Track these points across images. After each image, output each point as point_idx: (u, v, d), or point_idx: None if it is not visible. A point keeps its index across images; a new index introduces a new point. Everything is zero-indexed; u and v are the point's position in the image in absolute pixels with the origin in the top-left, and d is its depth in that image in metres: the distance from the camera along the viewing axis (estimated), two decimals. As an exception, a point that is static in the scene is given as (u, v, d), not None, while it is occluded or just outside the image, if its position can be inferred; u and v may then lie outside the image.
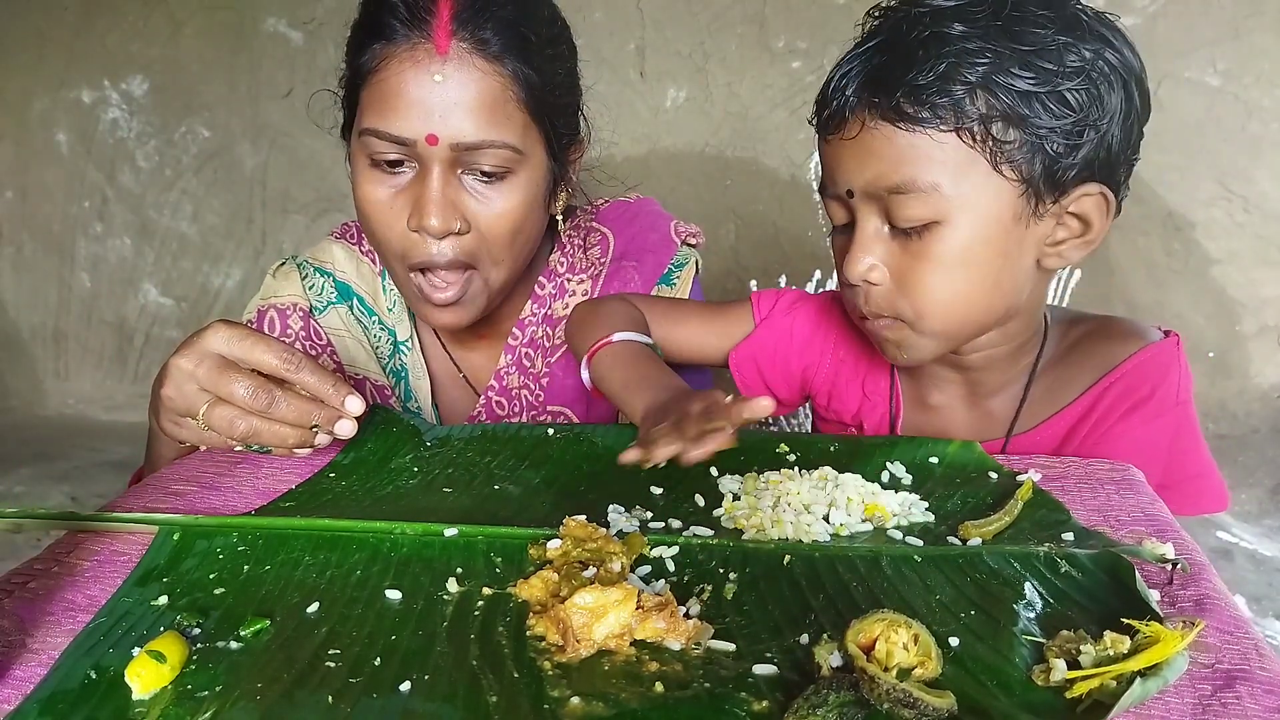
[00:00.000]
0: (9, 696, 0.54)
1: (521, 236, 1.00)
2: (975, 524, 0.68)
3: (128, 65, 3.21)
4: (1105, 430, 0.90)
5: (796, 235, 2.76)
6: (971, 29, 0.76)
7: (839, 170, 0.83)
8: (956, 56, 0.75)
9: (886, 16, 0.82)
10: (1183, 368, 0.92)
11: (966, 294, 0.82)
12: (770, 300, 1.06)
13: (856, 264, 0.83)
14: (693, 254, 1.19)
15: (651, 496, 0.77)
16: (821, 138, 0.85)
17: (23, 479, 2.87)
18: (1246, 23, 2.40)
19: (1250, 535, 2.34)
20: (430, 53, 0.90)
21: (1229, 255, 2.56)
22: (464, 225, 0.95)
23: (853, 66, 0.81)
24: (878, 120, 0.78)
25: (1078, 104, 0.77)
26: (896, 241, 0.82)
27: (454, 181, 0.94)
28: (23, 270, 3.48)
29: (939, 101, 0.76)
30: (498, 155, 0.93)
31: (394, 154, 0.93)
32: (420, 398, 1.15)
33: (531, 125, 0.95)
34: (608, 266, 1.15)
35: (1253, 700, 0.50)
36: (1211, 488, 0.94)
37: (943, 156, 0.78)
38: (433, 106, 0.90)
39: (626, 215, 1.20)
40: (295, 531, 0.70)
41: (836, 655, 0.52)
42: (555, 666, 0.54)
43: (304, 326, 1.12)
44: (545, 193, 1.01)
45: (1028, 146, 0.78)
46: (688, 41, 2.75)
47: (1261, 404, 2.68)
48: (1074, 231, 0.83)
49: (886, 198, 0.80)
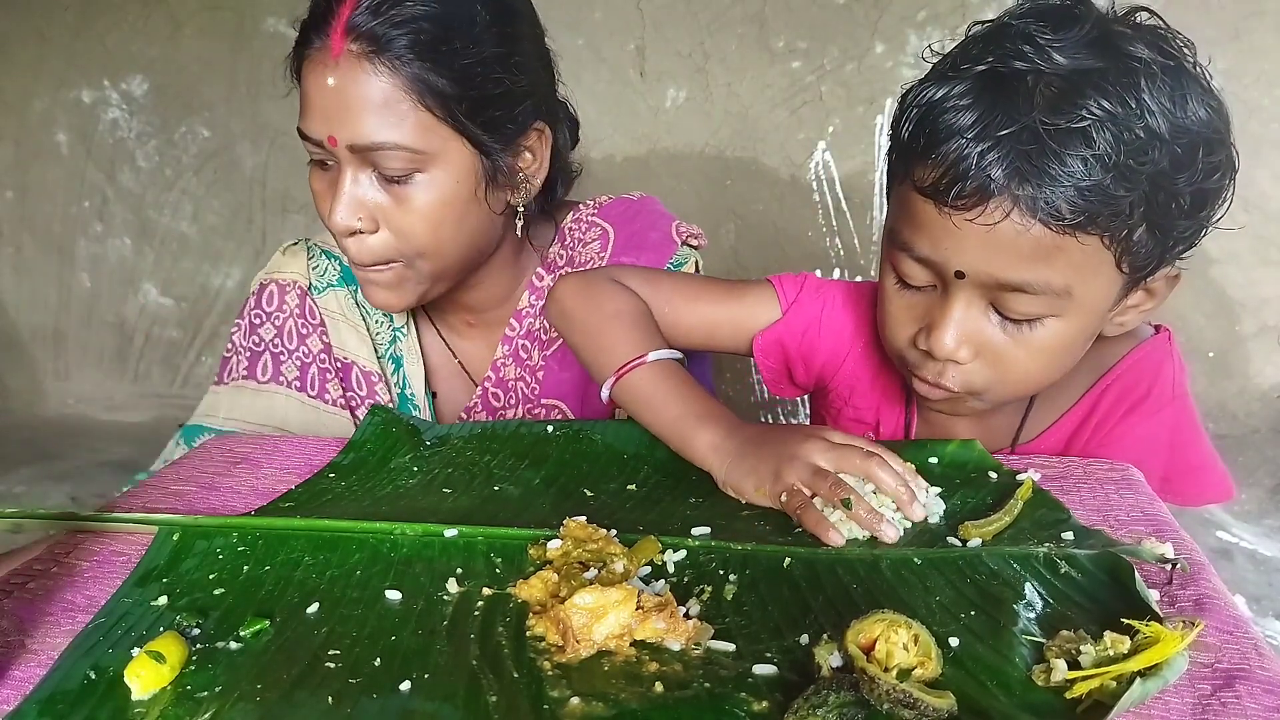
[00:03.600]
0: (9, 696, 0.54)
1: (442, 231, 0.98)
2: (975, 524, 0.68)
3: (128, 65, 3.20)
4: (1107, 432, 0.90)
5: (796, 235, 2.76)
6: (1122, 110, 0.69)
7: (955, 249, 0.75)
8: (1120, 157, 0.69)
9: (1005, 71, 0.72)
10: (1176, 361, 0.91)
11: (1048, 375, 0.81)
12: (795, 284, 1.01)
13: (947, 343, 0.78)
14: (693, 255, 1.19)
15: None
16: (937, 205, 0.75)
17: (23, 479, 2.86)
18: (1246, 23, 2.39)
19: (1250, 535, 2.34)
20: (326, 56, 0.92)
21: (1229, 255, 2.55)
22: (370, 224, 0.96)
23: (989, 143, 0.71)
24: (1027, 217, 0.71)
25: (1210, 203, 0.75)
26: (994, 324, 0.78)
27: (364, 180, 0.96)
28: (23, 270, 3.47)
29: (1102, 211, 0.71)
30: (396, 156, 0.93)
31: (317, 153, 0.97)
32: (414, 384, 1.16)
33: (440, 124, 0.94)
34: (606, 260, 1.15)
35: (1252, 700, 0.50)
36: (1215, 478, 0.94)
37: (1082, 259, 0.73)
38: (328, 109, 0.93)
39: (629, 212, 1.19)
40: (295, 531, 0.70)
41: (836, 656, 0.52)
42: (555, 666, 0.54)
43: (300, 304, 1.13)
44: (473, 189, 0.99)
45: (1156, 246, 0.75)
46: (688, 41, 2.74)
47: (1261, 404, 2.67)
48: (1139, 302, 0.82)
49: (1004, 290, 0.75)
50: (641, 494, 0.79)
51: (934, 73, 0.78)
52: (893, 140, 0.82)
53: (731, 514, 0.74)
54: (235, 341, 1.15)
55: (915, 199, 0.77)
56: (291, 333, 1.12)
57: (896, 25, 2.59)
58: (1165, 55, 0.72)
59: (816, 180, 2.75)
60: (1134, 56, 0.71)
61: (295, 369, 1.12)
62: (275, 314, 1.13)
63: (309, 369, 1.12)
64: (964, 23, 2.86)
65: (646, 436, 0.88)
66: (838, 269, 2.72)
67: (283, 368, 1.12)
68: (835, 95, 2.69)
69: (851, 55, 2.64)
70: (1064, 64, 0.71)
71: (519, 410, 1.15)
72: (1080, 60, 0.71)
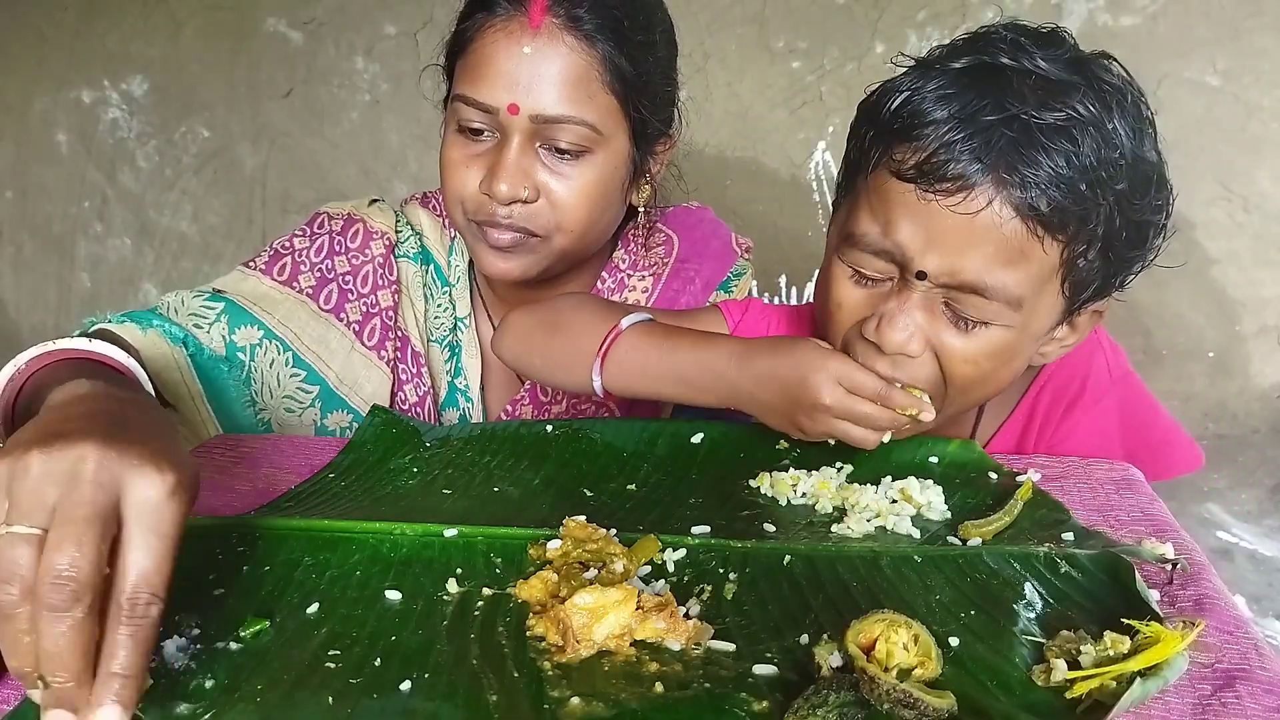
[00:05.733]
0: (9, 697, 0.54)
1: (594, 214, 1.01)
2: (975, 524, 0.68)
3: (128, 65, 3.20)
4: (1051, 432, 0.91)
5: (796, 235, 2.76)
6: (1098, 116, 0.71)
7: (926, 236, 0.74)
8: (1097, 162, 0.70)
9: (992, 64, 0.73)
10: (1108, 347, 0.92)
11: (989, 383, 0.81)
12: (740, 308, 1.04)
13: (898, 335, 0.77)
14: (749, 267, 1.22)
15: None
16: (918, 188, 0.73)
17: (23, 479, 2.87)
18: (1246, 23, 2.39)
19: (1250, 535, 2.34)
20: (524, 25, 0.94)
21: (1229, 255, 2.55)
22: (532, 194, 0.97)
23: (976, 128, 0.71)
24: (1006, 208, 0.71)
25: (1150, 239, 0.76)
26: (941, 320, 0.77)
27: (530, 153, 0.97)
28: (23, 270, 3.47)
29: (1073, 215, 0.71)
30: (576, 132, 0.95)
31: (478, 121, 0.97)
32: (470, 376, 1.15)
33: (616, 109, 0.98)
34: (670, 266, 1.16)
35: (1252, 700, 0.50)
36: (1181, 449, 0.95)
37: (1040, 269, 0.74)
38: (519, 77, 0.93)
39: (690, 220, 1.22)
40: (295, 531, 0.70)
41: (836, 655, 0.52)
42: (555, 667, 0.54)
43: (384, 258, 1.12)
44: (624, 179, 1.03)
45: (1099, 272, 0.76)
46: (688, 41, 2.73)
47: (1261, 404, 2.68)
48: (1064, 336, 0.83)
49: (961, 291, 0.75)
50: (641, 493, 0.79)
51: (915, 68, 0.79)
52: (862, 130, 0.82)
53: (731, 512, 0.74)
54: (297, 249, 1.09)
55: (891, 185, 0.76)
56: (367, 278, 1.11)
57: (896, 25, 2.59)
58: (1129, 86, 0.75)
59: (816, 180, 2.75)
60: (1106, 82, 0.74)
61: (359, 314, 1.10)
62: (355, 254, 1.11)
63: (372, 319, 1.10)
64: (964, 23, 2.87)
65: (646, 435, 0.88)
66: (838, 269, 2.73)
67: (348, 306, 1.10)
68: (835, 95, 2.69)
69: (851, 55, 2.64)
70: (1047, 69, 0.72)
71: (564, 405, 1.15)
72: (1061, 71, 0.73)
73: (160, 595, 0.48)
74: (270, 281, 1.08)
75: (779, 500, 0.76)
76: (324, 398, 1.08)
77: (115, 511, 0.48)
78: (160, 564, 0.48)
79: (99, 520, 0.47)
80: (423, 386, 1.13)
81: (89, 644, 0.46)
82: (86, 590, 0.46)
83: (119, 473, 0.49)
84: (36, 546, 0.46)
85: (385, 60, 2.94)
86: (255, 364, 1.04)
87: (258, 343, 1.04)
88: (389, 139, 3.03)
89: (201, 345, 1.01)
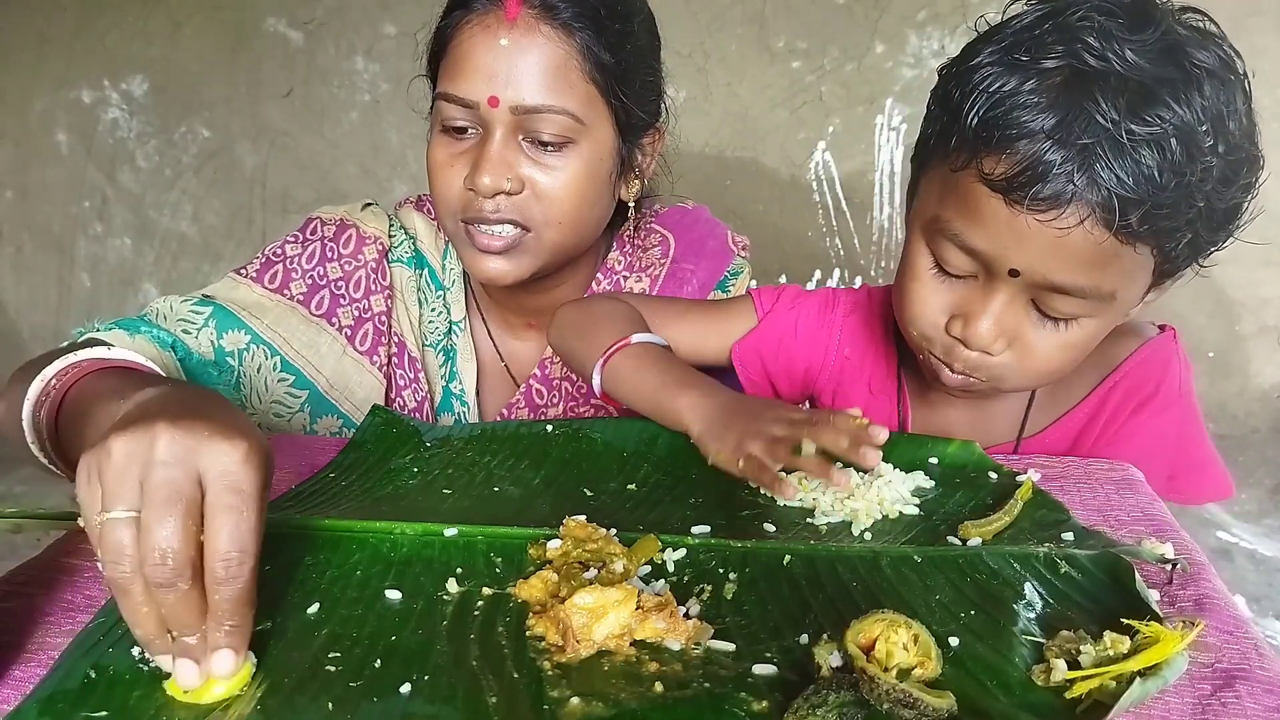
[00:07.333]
0: (9, 696, 0.54)
1: (582, 206, 1.01)
2: (975, 524, 0.68)
3: (128, 65, 3.20)
4: (1116, 429, 0.91)
5: (796, 235, 2.76)
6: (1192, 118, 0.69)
7: (1017, 247, 0.74)
8: (1188, 170, 0.69)
9: (1083, 70, 0.70)
10: (1182, 360, 0.93)
11: (1065, 369, 0.81)
12: (772, 296, 1.05)
13: (985, 335, 0.77)
14: (746, 265, 1.21)
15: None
16: (1008, 201, 0.73)
17: (23, 479, 2.86)
18: (1246, 23, 2.39)
19: (1250, 535, 2.34)
20: (500, 19, 0.94)
21: (1229, 255, 2.54)
22: (516, 185, 0.97)
23: (1068, 146, 0.69)
24: (1099, 227, 0.71)
25: (1239, 217, 0.77)
26: (1033, 321, 0.78)
27: (514, 146, 0.97)
28: (23, 270, 3.47)
29: (1166, 224, 0.71)
30: (557, 122, 0.95)
31: (461, 119, 0.97)
32: (465, 380, 1.15)
33: (597, 99, 0.97)
34: (667, 267, 1.16)
35: (1252, 700, 0.50)
36: (1217, 475, 0.95)
37: (1132, 266, 0.74)
38: (497, 70, 0.94)
39: (686, 220, 1.21)
40: (295, 531, 0.70)
41: (836, 655, 0.52)
42: (555, 667, 0.54)
43: (377, 263, 1.12)
44: (610, 171, 1.02)
45: (1191, 254, 0.77)
46: (688, 41, 2.74)
47: (1261, 404, 2.68)
48: (1151, 299, 0.84)
49: (1052, 290, 0.75)
50: (641, 493, 0.79)
51: (998, 55, 0.75)
52: (943, 121, 0.79)
53: (731, 512, 0.74)
54: (289, 255, 1.09)
55: (978, 190, 0.74)
56: (360, 283, 1.11)
57: (896, 25, 2.59)
58: (1224, 66, 0.72)
59: (816, 180, 2.75)
60: (1199, 65, 0.70)
61: (351, 318, 1.10)
62: (348, 260, 1.11)
63: (364, 324, 1.10)
64: (964, 23, 2.87)
65: (646, 435, 0.88)
66: (838, 269, 2.73)
67: (340, 311, 1.10)
68: (835, 95, 2.69)
69: (851, 55, 2.65)
70: (1138, 65, 0.70)
71: (561, 408, 1.15)
72: (1152, 64, 0.70)
73: (250, 550, 0.52)
74: (261, 289, 1.08)
75: (779, 500, 0.76)
76: (313, 402, 1.08)
77: (196, 484, 0.52)
78: (241, 522, 0.52)
79: (180, 498, 0.51)
80: (420, 391, 1.13)
81: (199, 605, 0.51)
82: (184, 565, 0.50)
83: (192, 446, 0.52)
84: (135, 527, 0.50)
85: (385, 60, 2.94)
86: (243, 369, 1.04)
87: (245, 347, 1.04)
88: (389, 139, 3.03)
89: (190, 350, 1.01)
